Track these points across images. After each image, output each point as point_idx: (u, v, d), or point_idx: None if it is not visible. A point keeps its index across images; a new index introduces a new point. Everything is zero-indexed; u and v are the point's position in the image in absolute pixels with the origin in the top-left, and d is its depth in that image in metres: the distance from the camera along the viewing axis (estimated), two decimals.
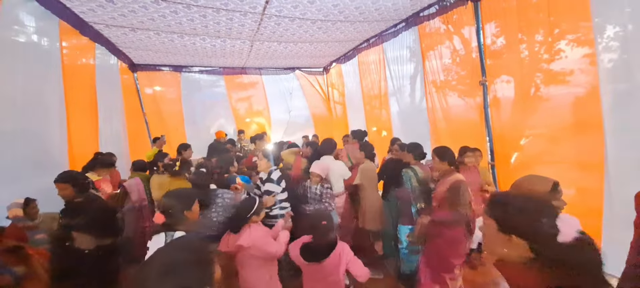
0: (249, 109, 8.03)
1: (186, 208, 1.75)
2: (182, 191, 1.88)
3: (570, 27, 2.83)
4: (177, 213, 1.72)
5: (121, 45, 4.98)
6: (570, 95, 2.86)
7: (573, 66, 2.81)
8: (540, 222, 0.89)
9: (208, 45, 5.14)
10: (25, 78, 2.98)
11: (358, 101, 6.46)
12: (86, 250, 2.16)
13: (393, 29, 4.81)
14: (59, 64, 3.47)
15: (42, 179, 2.60)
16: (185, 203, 1.76)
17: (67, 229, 2.35)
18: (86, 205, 2.40)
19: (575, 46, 2.81)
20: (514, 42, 3.27)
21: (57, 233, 2.43)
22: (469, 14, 3.59)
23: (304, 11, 3.90)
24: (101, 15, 3.73)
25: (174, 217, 1.71)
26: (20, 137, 2.90)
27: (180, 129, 7.08)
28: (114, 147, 4.29)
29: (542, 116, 3.12)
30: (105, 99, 4.53)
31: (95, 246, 2.16)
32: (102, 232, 2.18)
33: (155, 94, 6.78)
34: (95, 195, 2.72)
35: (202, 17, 3.94)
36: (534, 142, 3.27)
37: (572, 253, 0.81)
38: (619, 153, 2.57)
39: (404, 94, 5.18)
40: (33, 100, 3.04)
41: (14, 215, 2.40)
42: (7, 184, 2.58)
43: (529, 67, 3.19)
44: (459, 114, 4.10)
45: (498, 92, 3.52)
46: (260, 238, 2.17)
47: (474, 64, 3.69)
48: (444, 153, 2.64)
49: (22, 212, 2.45)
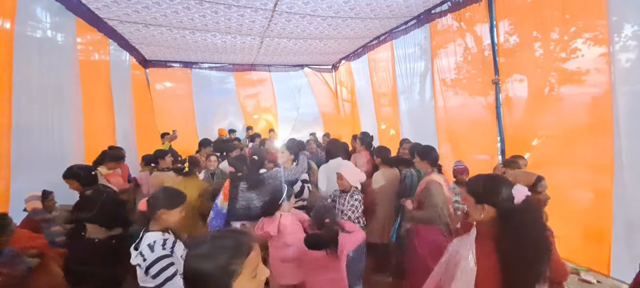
0: (257, 106, 8.07)
1: (165, 207, 1.65)
2: (174, 191, 1.78)
3: (586, 25, 2.76)
4: (154, 210, 1.64)
5: (134, 41, 5.06)
6: (586, 96, 2.80)
7: (589, 66, 2.75)
8: (502, 193, 1.29)
9: (219, 41, 5.18)
10: (42, 73, 3.05)
11: (367, 99, 6.43)
12: (96, 239, 2.21)
13: (404, 26, 4.78)
14: (76, 59, 3.54)
15: (57, 172, 2.66)
16: (167, 203, 1.67)
17: (79, 221, 2.43)
18: (95, 197, 2.44)
19: (591, 45, 2.75)
20: (529, 40, 3.21)
21: (71, 225, 2.51)
22: (482, 11, 3.54)
23: (314, 8, 3.90)
24: (116, 11, 3.79)
25: (151, 211, 1.65)
26: (37, 130, 2.97)
27: (191, 124, 7.16)
28: (124, 142, 4.39)
29: (556, 116, 3.06)
30: (119, 95, 4.62)
31: (107, 236, 2.21)
32: (111, 223, 2.22)
33: (165, 90, 6.88)
34: (105, 187, 2.75)
35: (213, 13, 3.97)
36: (547, 143, 3.21)
37: (522, 208, 1.25)
38: (637, 156, 2.51)
39: (413, 92, 5.14)
40: (49, 95, 3.11)
41: (33, 207, 2.46)
42: (23, 176, 2.65)
43: (543, 66, 3.13)
44: (469, 113, 4.05)
45: (511, 91, 3.46)
46: (288, 227, 2.23)
47: (486, 62, 3.64)
48: (427, 153, 2.61)
49: (41, 205, 2.51)
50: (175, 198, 1.71)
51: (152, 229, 1.65)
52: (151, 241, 1.58)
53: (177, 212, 1.68)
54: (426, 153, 2.60)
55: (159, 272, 1.50)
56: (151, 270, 1.51)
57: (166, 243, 1.61)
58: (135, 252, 1.61)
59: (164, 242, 1.61)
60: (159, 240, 1.60)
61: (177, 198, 1.72)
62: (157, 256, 1.53)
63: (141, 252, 1.57)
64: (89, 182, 2.59)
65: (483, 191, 1.32)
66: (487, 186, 1.33)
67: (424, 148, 2.66)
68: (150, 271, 1.51)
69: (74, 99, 3.51)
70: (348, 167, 2.77)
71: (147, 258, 1.53)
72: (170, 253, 1.58)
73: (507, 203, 1.26)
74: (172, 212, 1.66)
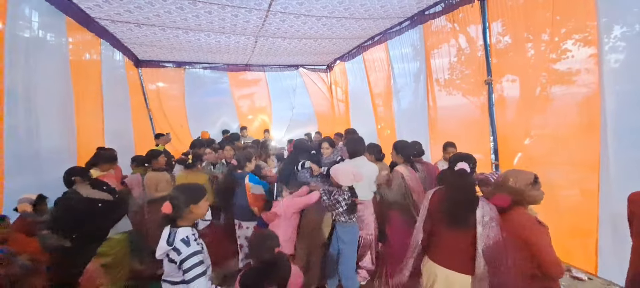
0: (251, 106, 8.04)
1: (193, 202, 1.71)
2: (193, 185, 1.84)
3: (576, 26, 2.82)
4: (181, 206, 1.67)
5: (126, 41, 4.99)
6: (576, 96, 2.86)
7: (579, 66, 2.81)
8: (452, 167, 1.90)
9: (212, 41, 5.14)
10: (32, 73, 2.98)
11: (361, 99, 6.45)
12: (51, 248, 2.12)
13: (398, 27, 4.80)
14: (66, 59, 3.49)
15: (48, 173, 2.61)
16: (192, 197, 1.71)
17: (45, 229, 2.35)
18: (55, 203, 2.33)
19: (581, 46, 2.80)
20: (520, 41, 3.26)
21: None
22: (475, 13, 3.58)
23: (309, 8, 3.90)
24: (107, 10, 3.74)
25: (178, 209, 1.67)
26: (28, 131, 2.92)
27: (185, 125, 7.11)
28: (119, 143, 4.33)
29: (547, 116, 3.11)
30: (111, 95, 4.56)
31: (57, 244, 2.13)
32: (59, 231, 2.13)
33: (159, 90, 6.80)
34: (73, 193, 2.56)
35: (207, 13, 3.94)
36: (538, 142, 3.26)
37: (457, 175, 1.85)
38: (624, 154, 2.56)
39: (407, 93, 5.17)
40: (40, 95, 3.06)
41: (23, 209, 2.42)
42: (14, 177, 2.61)
43: (534, 66, 3.18)
44: (462, 113, 4.10)
45: (503, 92, 3.51)
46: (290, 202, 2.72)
47: (479, 62, 3.68)
48: (401, 148, 3.04)
49: (31, 208, 2.47)
50: (199, 191, 1.77)
51: (181, 225, 1.70)
52: (184, 236, 1.64)
53: (204, 203, 1.76)
54: (400, 148, 3.04)
55: (192, 267, 1.58)
56: (185, 264, 1.58)
57: (197, 238, 1.71)
58: (167, 247, 1.63)
59: (195, 237, 1.70)
60: (190, 235, 1.67)
61: (200, 191, 1.78)
62: (192, 251, 1.60)
63: (175, 247, 1.61)
64: (68, 184, 2.53)
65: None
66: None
67: (398, 144, 3.10)
68: (184, 265, 1.58)
69: (65, 100, 3.46)
70: (340, 169, 2.70)
71: (183, 253, 1.59)
72: (201, 249, 1.67)
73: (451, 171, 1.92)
74: (200, 205, 1.74)
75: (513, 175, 1.82)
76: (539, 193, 1.76)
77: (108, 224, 2.56)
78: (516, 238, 1.69)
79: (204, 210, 1.77)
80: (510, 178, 1.81)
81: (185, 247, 1.61)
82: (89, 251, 2.34)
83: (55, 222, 2.19)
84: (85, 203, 2.30)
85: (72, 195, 2.51)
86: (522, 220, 1.71)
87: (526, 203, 1.79)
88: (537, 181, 1.76)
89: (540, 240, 1.65)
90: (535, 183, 1.75)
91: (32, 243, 2.22)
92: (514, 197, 1.77)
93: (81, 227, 2.36)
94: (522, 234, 1.68)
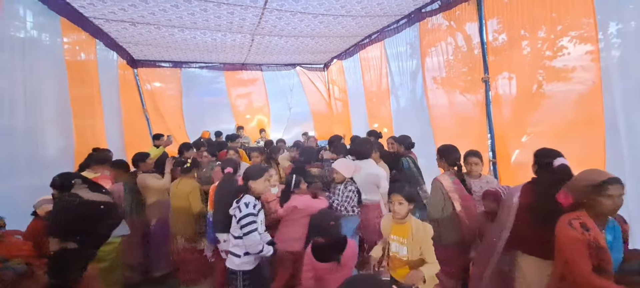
0: (249, 105, 8.01)
1: (252, 179, 2.32)
2: (257, 166, 2.59)
3: (573, 23, 2.81)
4: (245, 182, 2.33)
5: (121, 40, 4.95)
6: (572, 93, 2.85)
7: (576, 63, 2.80)
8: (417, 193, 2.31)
9: (208, 39, 5.11)
10: (27, 75, 2.94)
11: (359, 97, 6.45)
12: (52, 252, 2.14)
13: (395, 25, 4.79)
14: (62, 60, 3.45)
15: (44, 176, 2.58)
16: (253, 175, 2.33)
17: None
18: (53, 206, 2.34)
19: (578, 43, 2.79)
20: (517, 39, 3.26)
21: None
22: (471, 10, 3.57)
23: (305, 5, 3.88)
24: (101, 9, 3.70)
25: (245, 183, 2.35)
26: (22, 133, 2.88)
27: (182, 126, 7.07)
28: (113, 144, 4.29)
29: (544, 113, 3.11)
30: (107, 95, 4.52)
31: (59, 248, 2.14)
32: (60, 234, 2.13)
33: (154, 90, 6.76)
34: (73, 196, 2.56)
35: (203, 11, 3.91)
36: (536, 140, 3.25)
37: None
38: (623, 151, 2.56)
39: (404, 91, 5.17)
40: (36, 97, 3.02)
41: (45, 211, 2.36)
42: (8, 179, 2.58)
43: (531, 63, 3.18)
44: (460, 110, 4.09)
45: (500, 89, 3.50)
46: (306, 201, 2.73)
47: (476, 60, 3.67)
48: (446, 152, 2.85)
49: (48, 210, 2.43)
50: (259, 171, 2.39)
51: (249, 194, 2.32)
52: (247, 201, 2.26)
53: (261, 181, 2.34)
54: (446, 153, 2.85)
55: (246, 225, 2.19)
56: (241, 221, 2.20)
57: (256, 206, 2.28)
58: (235, 205, 2.28)
59: (255, 204, 2.28)
60: (251, 202, 2.26)
61: (260, 171, 2.40)
62: (248, 212, 2.21)
63: (239, 206, 2.25)
64: (62, 190, 2.43)
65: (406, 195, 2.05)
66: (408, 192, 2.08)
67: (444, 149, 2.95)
68: (241, 222, 2.20)
69: (61, 101, 3.42)
70: (341, 162, 2.97)
71: (242, 211, 2.21)
72: (256, 213, 2.26)
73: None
74: (258, 182, 2.33)
75: (582, 173, 1.67)
76: (607, 201, 1.53)
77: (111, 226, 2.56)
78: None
79: (261, 187, 2.35)
80: (577, 176, 1.69)
81: (245, 208, 2.21)
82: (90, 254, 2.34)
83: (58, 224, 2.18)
84: (88, 206, 2.29)
85: (73, 197, 2.49)
86: (561, 221, 1.63)
87: (590, 208, 1.60)
88: (605, 186, 1.53)
89: (570, 247, 1.57)
90: (602, 188, 1.54)
91: (26, 246, 2.19)
92: (576, 197, 1.63)
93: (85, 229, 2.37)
94: (557, 234, 1.65)
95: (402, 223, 2.07)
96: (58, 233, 2.07)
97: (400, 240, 2.07)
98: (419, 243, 1.98)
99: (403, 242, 2.05)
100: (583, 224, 1.56)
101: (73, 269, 1.72)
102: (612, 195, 1.52)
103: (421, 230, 2.00)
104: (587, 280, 1.50)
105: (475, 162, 2.73)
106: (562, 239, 1.62)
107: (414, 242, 1.99)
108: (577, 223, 1.57)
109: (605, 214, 1.58)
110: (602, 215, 1.58)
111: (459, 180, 2.60)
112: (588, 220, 1.57)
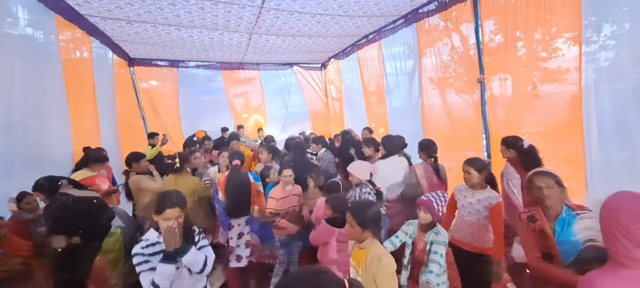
0: (246, 105, 7.99)
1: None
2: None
3: (566, 25, 2.84)
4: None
5: (117, 38, 4.92)
6: (566, 94, 2.89)
7: (569, 64, 2.84)
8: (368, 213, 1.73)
9: (205, 38, 5.09)
10: (23, 73, 2.91)
11: (356, 97, 6.46)
12: (59, 249, 2.15)
13: (392, 25, 4.81)
14: (58, 58, 3.42)
15: (40, 174, 2.57)
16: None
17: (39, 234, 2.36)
18: (48, 207, 2.37)
19: (571, 44, 2.83)
20: (512, 40, 3.29)
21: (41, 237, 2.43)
22: (468, 11, 3.60)
23: (303, 5, 3.88)
24: (97, 7, 3.68)
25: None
26: (18, 132, 2.85)
27: (178, 124, 7.04)
28: (108, 143, 4.27)
29: (538, 114, 3.15)
30: (102, 94, 4.49)
31: (66, 244, 2.15)
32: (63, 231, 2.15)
33: (151, 89, 6.72)
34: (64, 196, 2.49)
35: (199, 10, 3.90)
36: (530, 140, 3.27)
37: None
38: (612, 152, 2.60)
39: (401, 91, 5.19)
40: (31, 95, 2.99)
41: (11, 209, 2.46)
42: (5, 177, 2.57)
43: (526, 65, 3.21)
44: (455, 111, 4.12)
45: (495, 90, 3.53)
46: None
47: (471, 61, 3.70)
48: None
49: (16, 207, 2.46)
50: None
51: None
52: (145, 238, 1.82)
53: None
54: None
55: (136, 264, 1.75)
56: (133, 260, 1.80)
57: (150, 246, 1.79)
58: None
59: (149, 244, 1.80)
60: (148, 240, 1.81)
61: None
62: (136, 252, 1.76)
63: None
64: (51, 193, 2.45)
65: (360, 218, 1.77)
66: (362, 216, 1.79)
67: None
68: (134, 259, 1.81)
69: (57, 99, 3.39)
70: (356, 165, 3.00)
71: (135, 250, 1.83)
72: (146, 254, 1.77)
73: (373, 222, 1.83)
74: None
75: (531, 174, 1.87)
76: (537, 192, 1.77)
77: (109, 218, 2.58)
78: None
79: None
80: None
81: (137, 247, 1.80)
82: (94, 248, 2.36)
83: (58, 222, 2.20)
84: (83, 202, 2.31)
85: (65, 196, 2.49)
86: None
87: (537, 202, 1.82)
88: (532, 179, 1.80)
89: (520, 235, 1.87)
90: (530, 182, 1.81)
91: (25, 246, 2.21)
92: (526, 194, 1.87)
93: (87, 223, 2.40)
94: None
95: (360, 247, 1.76)
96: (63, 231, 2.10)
97: (356, 268, 1.76)
98: (372, 277, 1.61)
99: (358, 271, 1.73)
100: (531, 216, 1.78)
101: (83, 262, 1.74)
102: (540, 187, 1.74)
103: (375, 262, 1.60)
104: (534, 265, 1.74)
105: (466, 170, 2.45)
106: (518, 230, 1.89)
107: (367, 274, 1.64)
108: (524, 216, 1.81)
109: (543, 205, 1.76)
110: (544, 206, 1.76)
111: (431, 169, 3.06)
112: (538, 213, 1.77)
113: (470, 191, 2.49)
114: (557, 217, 1.73)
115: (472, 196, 2.47)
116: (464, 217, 2.52)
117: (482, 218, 2.42)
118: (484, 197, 2.41)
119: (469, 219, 2.47)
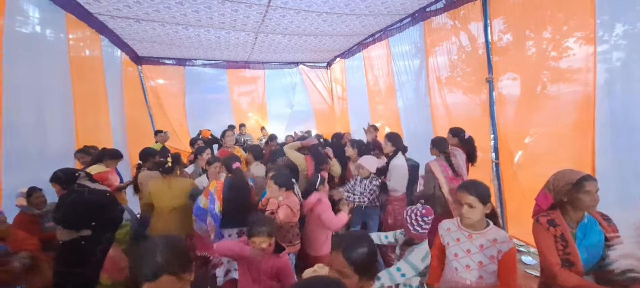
0: (251, 103, 8.03)
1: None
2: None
3: (578, 24, 2.79)
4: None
5: (126, 37, 4.97)
6: (577, 94, 2.83)
7: (580, 64, 2.78)
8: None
9: (212, 36, 5.12)
10: (32, 70, 2.96)
11: (362, 96, 6.43)
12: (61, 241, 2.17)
13: (399, 24, 4.78)
14: (66, 56, 3.46)
15: (48, 170, 2.61)
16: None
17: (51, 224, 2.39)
18: (63, 198, 2.41)
19: (583, 44, 2.78)
20: (522, 39, 3.24)
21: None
22: (476, 10, 3.55)
23: (309, 3, 3.88)
24: (106, 5, 3.71)
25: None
26: (28, 129, 2.91)
27: (184, 123, 7.09)
28: (117, 139, 4.32)
29: (547, 115, 3.10)
30: (111, 92, 4.54)
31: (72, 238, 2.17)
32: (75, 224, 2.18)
33: (158, 87, 6.78)
34: (80, 187, 2.55)
35: (207, 9, 3.92)
36: (539, 141, 3.25)
37: None
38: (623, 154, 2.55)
39: (408, 90, 5.15)
40: (40, 92, 3.04)
41: (20, 203, 2.50)
42: (13, 173, 2.60)
43: (536, 64, 3.16)
44: (463, 110, 4.08)
45: (504, 90, 3.49)
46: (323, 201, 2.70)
47: (480, 60, 3.66)
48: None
49: (26, 202, 2.51)
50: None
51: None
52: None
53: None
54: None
55: None
56: None
57: None
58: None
59: None
60: None
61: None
62: None
63: None
64: (68, 184, 2.52)
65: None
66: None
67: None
68: None
69: (66, 97, 3.43)
70: (366, 158, 3.19)
71: None
72: None
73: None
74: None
75: (558, 174, 1.71)
76: (585, 197, 1.58)
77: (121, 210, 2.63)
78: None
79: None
80: (552, 177, 1.72)
81: None
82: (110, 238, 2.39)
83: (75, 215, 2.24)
84: (98, 194, 2.36)
85: (81, 188, 2.55)
86: (534, 219, 1.75)
87: (569, 206, 1.65)
88: (583, 183, 1.59)
89: (538, 241, 1.70)
90: (580, 185, 1.59)
91: (31, 240, 2.24)
92: (556, 197, 1.68)
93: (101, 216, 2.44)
94: (532, 231, 1.75)
95: None
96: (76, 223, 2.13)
97: None
98: None
99: None
100: (550, 221, 1.67)
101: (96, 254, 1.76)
102: (590, 191, 1.58)
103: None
104: (553, 271, 1.61)
105: (466, 202, 1.71)
106: (533, 234, 1.74)
107: None
108: (544, 220, 1.68)
109: (583, 210, 1.64)
110: (580, 211, 1.64)
111: (445, 164, 3.06)
112: (558, 218, 1.67)
113: (465, 232, 1.74)
114: (578, 222, 1.64)
115: (469, 241, 1.72)
116: (459, 272, 1.73)
117: (488, 274, 1.65)
118: (488, 241, 1.66)
119: (468, 277, 1.70)
